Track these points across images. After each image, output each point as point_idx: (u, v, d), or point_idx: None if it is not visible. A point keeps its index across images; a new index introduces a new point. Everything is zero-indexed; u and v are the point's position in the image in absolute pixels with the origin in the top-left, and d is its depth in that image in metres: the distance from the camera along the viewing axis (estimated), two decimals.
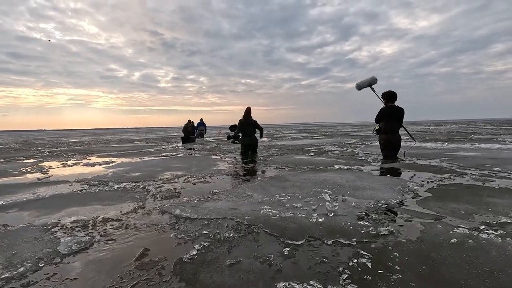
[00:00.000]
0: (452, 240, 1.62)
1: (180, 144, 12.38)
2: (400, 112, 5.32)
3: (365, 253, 1.50)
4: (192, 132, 14.88)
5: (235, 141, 7.50)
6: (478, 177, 3.41)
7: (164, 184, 3.58)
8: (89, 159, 6.84)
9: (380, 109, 5.50)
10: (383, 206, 2.26)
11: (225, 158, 6.37)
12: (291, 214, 2.10)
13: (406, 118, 5.44)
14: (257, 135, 7.36)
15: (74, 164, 5.93)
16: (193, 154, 7.41)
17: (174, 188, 3.31)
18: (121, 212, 2.40)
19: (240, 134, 7.22)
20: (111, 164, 5.74)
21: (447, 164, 4.53)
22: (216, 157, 6.65)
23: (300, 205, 2.34)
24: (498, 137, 9.98)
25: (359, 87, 5.82)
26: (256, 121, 7.17)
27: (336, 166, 4.48)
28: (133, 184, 3.60)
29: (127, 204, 2.65)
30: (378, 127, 5.57)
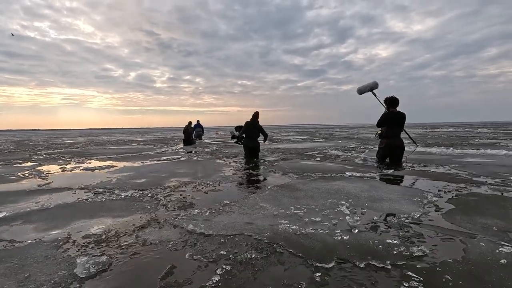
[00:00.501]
0: (502, 261, 1.53)
1: (180, 146, 12.24)
2: (401, 117, 5.45)
3: (413, 275, 1.41)
4: (192, 133, 14.73)
5: (238, 142, 7.58)
6: (495, 186, 3.34)
7: (172, 193, 3.46)
8: (89, 163, 6.69)
9: (382, 114, 5.61)
10: (406, 221, 2.17)
11: (230, 163, 6.26)
12: (312, 230, 2.01)
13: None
14: (260, 139, 7.46)
15: (74, 168, 5.78)
16: (196, 158, 7.29)
17: (184, 198, 3.19)
18: (133, 225, 2.28)
19: (244, 136, 7.31)
20: (112, 169, 5.60)
21: (459, 171, 4.47)
22: (220, 161, 6.54)
23: (319, 219, 2.24)
24: (500, 142, 10.01)
25: (360, 91, 5.90)
26: (262, 126, 7.31)
27: (346, 174, 4.40)
28: (140, 192, 3.48)
29: (138, 216, 2.53)
30: (380, 131, 5.68)
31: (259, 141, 7.39)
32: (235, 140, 7.70)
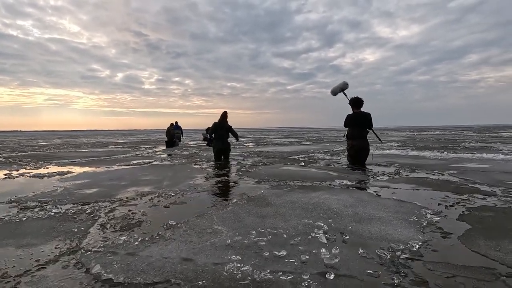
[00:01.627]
0: None
1: (160, 148, 11.52)
2: (364, 117, 5.41)
3: None
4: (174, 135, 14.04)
5: (209, 144, 7.21)
6: (506, 198, 2.83)
7: (119, 208, 2.80)
8: (46, 168, 5.92)
9: (347, 115, 5.60)
10: (403, 256, 1.60)
11: (205, 168, 5.62)
12: (269, 276, 1.39)
13: (388, 124, 5.54)
14: (231, 139, 7.17)
15: (22, 175, 5.02)
16: (169, 163, 6.62)
17: (128, 216, 2.53)
18: (34, 260, 1.63)
19: (213, 137, 7.00)
20: (66, 176, 4.87)
21: (459, 179, 3.97)
22: (196, 166, 5.89)
23: (285, 252, 1.64)
24: (491, 146, 9.70)
25: (333, 92, 5.90)
26: (231, 126, 6.99)
27: (329, 183, 3.84)
28: (79, 208, 2.80)
29: (51, 246, 1.87)
30: (347, 132, 5.68)
31: (229, 142, 7.13)
32: (206, 142, 7.35)
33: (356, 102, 5.56)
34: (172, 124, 13.58)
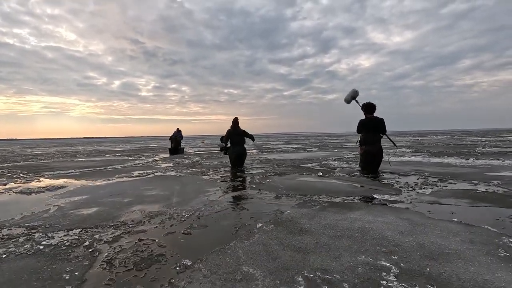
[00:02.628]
0: None
1: (160, 157, 11.01)
2: (378, 122, 5.38)
3: None
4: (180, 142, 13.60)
5: (226, 153, 7.24)
6: None
7: (124, 236, 2.31)
8: (37, 181, 5.39)
9: (359, 121, 5.57)
10: None
11: (215, 179, 5.13)
12: None
13: (389, 129, 5.61)
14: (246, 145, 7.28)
15: (8, 190, 4.49)
16: (174, 173, 6.12)
17: (138, 248, 2.05)
18: None
19: (229, 144, 7.11)
20: (60, 191, 4.35)
21: (510, 190, 3.56)
22: (205, 177, 5.40)
23: None
24: (508, 151, 9.36)
25: (347, 101, 5.93)
26: (244, 130, 7.16)
27: (360, 198, 3.38)
28: (75, 237, 2.30)
29: None
30: (360, 138, 5.61)
31: (245, 147, 7.24)
32: (224, 152, 7.29)
33: (368, 108, 5.51)
34: (177, 130, 13.19)
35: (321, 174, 5.42)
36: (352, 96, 5.80)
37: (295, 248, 1.96)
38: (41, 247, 2.14)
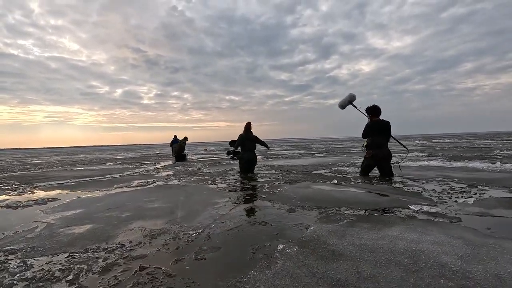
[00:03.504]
0: None
1: (162, 164, 10.63)
2: (385, 125, 5.25)
3: None
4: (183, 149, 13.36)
5: (234, 157, 7.08)
6: None
7: (120, 263, 1.89)
8: (30, 193, 4.98)
9: (366, 124, 5.40)
10: None
11: (224, 188, 4.70)
12: None
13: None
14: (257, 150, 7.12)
15: None
16: (177, 182, 5.70)
17: (137, 280, 1.63)
18: None
19: (240, 149, 6.89)
20: (52, 205, 3.93)
21: None
22: (212, 186, 4.98)
23: None
24: None
25: (342, 106, 5.75)
26: (256, 136, 6.91)
27: (390, 210, 2.93)
28: (59, 267, 1.88)
29: None
30: (366, 142, 5.42)
31: (256, 153, 6.98)
32: (231, 156, 7.07)
33: (374, 110, 5.35)
34: (185, 138, 12.92)
35: (336, 181, 4.98)
36: (349, 101, 5.64)
37: (333, 282, 1.53)
38: (15, 278, 1.72)
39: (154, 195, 4.35)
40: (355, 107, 5.66)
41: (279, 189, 4.41)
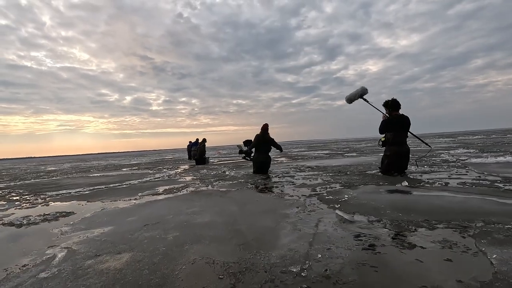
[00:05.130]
0: None
1: (182, 168, 9.84)
2: (407, 121, 4.97)
3: None
4: (204, 153, 12.80)
5: (246, 158, 6.92)
6: None
7: None
8: (44, 204, 4.15)
9: (386, 119, 5.02)
10: None
11: (276, 193, 3.80)
12: None
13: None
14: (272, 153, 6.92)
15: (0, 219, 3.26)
16: (210, 188, 4.82)
17: None
18: None
19: (253, 151, 6.70)
20: (70, 219, 3.08)
21: None
22: (259, 192, 4.10)
23: None
24: None
25: (350, 100, 5.46)
26: (273, 138, 6.74)
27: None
28: None
29: None
30: (384, 138, 5.10)
31: (270, 156, 6.82)
32: (243, 155, 6.83)
33: (394, 104, 4.98)
34: (204, 140, 12.47)
35: (406, 183, 4.02)
36: (361, 94, 5.28)
37: None
38: None
39: (195, 205, 3.48)
40: (367, 101, 5.31)
41: (346, 196, 3.47)
